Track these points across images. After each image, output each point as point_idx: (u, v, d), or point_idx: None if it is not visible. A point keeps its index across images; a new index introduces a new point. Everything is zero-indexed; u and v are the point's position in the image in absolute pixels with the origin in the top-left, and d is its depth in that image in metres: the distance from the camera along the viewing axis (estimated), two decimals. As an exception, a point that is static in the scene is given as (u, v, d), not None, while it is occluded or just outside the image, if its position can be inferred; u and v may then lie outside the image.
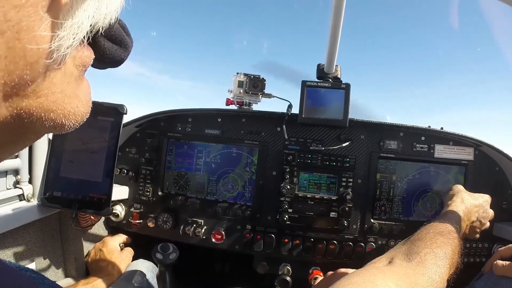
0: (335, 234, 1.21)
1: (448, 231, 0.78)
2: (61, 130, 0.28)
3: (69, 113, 0.27)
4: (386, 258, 0.69)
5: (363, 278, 0.54)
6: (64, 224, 1.12)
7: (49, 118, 0.26)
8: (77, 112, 0.28)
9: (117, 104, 0.99)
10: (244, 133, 1.28)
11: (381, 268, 0.65)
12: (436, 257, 0.67)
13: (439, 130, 1.23)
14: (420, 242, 0.72)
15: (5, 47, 0.20)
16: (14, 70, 0.21)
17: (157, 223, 1.26)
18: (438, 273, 0.63)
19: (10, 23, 0.19)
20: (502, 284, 0.88)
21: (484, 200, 1.05)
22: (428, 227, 0.80)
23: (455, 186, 1.10)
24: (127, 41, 0.34)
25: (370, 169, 1.24)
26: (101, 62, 0.33)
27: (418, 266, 0.64)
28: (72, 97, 0.27)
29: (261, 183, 1.26)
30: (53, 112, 0.26)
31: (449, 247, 0.72)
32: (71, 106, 0.27)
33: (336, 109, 1.18)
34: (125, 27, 0.34)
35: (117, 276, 1.08)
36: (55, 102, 0.25)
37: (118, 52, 0.34)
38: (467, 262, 1.20)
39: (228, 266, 1.71)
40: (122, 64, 0.36)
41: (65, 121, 0.27)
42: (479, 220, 1.01)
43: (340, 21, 0.96)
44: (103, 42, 0.32)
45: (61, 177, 0.99)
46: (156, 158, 1.30)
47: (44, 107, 0.25)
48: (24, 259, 0.97)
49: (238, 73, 1.26)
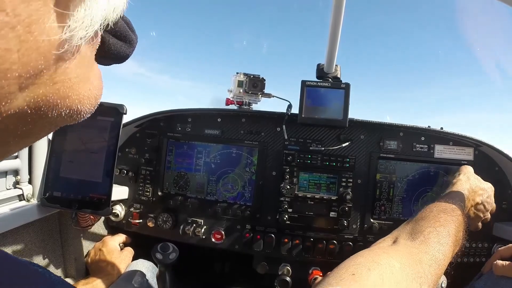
0: (335, 234, 1.21)
1: (452, 209, 0.77)
2: (77, 117, 0.28)
3: (83, 97, 0.27)
4: (391, 238, 0.70)
5: (367, 258, 0.54)
6: (64, 224, 1.12)
7: (65, 105, 0.26)
8: (90, 95, 0.28)
9: (117, 104, 0.99)
10: (244, 133, 1.28)
11: (385, 247, 0.66)
12: (439, 235, 0.67)
13: (439, 130, 1.23)
14: (423, 221, 0.72)
15: (17, 41, 0.20)
16: (28, 62, 0.21)
17: (157, 223, 1.26)
18: (441, 251, 0.63)
19: (20, 18, 0.20)
20: (502, 284, 0.88)
21: (489, 187, 1.03)
22: (431, 206, 0.79)
23: (464, 167, 1.07)
24: (132, 37, 0.35)
25: (370, 169, 1.24)
26: (106, 58, 0.33)
27: (422, 244, 0.64)
28: (86, 80, 0.28)
29: (261, 183, 1.26)
30: (68, 98, 0.26)
31: (452, 225, 0.71)
32: (84, 89, 0.27)
33: (336, 109, 1.18)
34: (130, 23, 0.35)
35: (117, 276, 1.08)
36: (71, 88, 0.26)
37: (123, 48, 0.34)
38: (466, 262, 1.21)
39: (228, 266, 1.71)
40: (127, 60, 0.37)
41: (80, 107, 0.27)
42: (483, 203, 0.98)
43: (340, 21, 0.96)
44: (108, 38, 0.32)
45: (61, 177, 0.99)
46: (156, 158, 1.30)
47: (61, 93, 0.25)
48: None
49: (238, 73, 1.26)
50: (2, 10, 0.19)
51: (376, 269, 0.50)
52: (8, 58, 0.20)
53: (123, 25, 0.33)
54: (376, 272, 0.49)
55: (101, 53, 0.32)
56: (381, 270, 0.50)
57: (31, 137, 0.28)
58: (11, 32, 0.19)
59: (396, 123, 1.25)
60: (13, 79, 0.21)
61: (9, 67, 0.20)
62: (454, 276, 0.83)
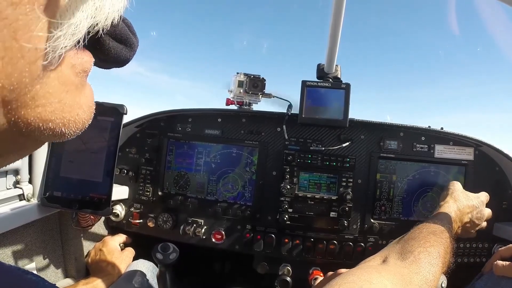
0: (335, 234, 1.21)
1: (441, 231, 0.78)
2: (61, 138, 0.28)
3: (68, 121, 0.27)
4: (380, 257, 0.70)
5: (359, 277, 0.54)
6: (64, 224, 1.12)
7: (47, 128, 0.25)
8: (77, 120, 0.28)
9: (117, 104, 0.99)
10: (244, 133, 1.28)
11: (376, 266, 0.66)
12: (429, 256, 0.67)
13: (439, 130, 1.23)
14: (413, 241, 0.72)
15: (2, 46, 0.19)
16: (13, 73, 0.20)
17: (157, 223, 1.26)
18: (432, 272, 0.64)
19: (7, 21, 0.18)
20: (502, 284, 0.88)
21: (479, 201, 1.02)
22: (421, 226, 0.81)
23: (451, 184, 1.07)
24: (133, 40, 0.34)
25: (370, 169, 1.24)
26: (106, 61, 0.32)
27: (412, 265, 0.64)
28: (72, 105, 0.27)
29: (261, 183, 1.26)
30: (51, 122, 0.25)
31: (441, 247, 0.72)
32: (71, 114, 0.27)
33: (336, 109, 1.18)
34: (131, 26, 0.34)
35: (117, 276, 1.08)
36: (53, 112, 0.25)
37: (123, 51, 0.33)
38: (467, 262, 1.21)
39: (228, 266, 1.71)
40: (127, 64, 0.36)
41: (64, 130, 0.27)
42: (472, 221, 0.99)
43: (340, 21, 0.96)
44: (108, 41, 0.31)
45: (61, 177, 0.99)
46: (156, 158, 1.30)
47: (42, 117, 0.24)
48: (24, 259, 0.97)
49: (238, 73, 1.26)
50: None
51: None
52: None
53: (124, 27, 0.32)
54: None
55: (101, 56, 0.31)
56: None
57: (15, 154, 0.27)
58: None
59: (397, 123, 1.25)
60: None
61: None
62: (454, 276, 0.83)
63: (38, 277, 0.36)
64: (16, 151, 0.27)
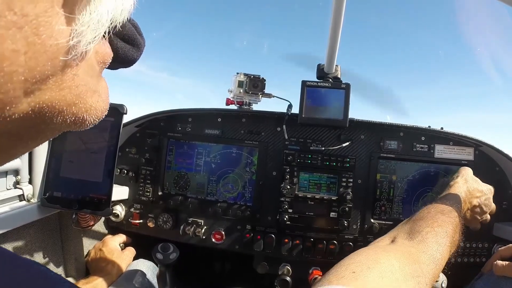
0: (335, 234, 1.21)
1: (449, 210, 0.78)
2: (82, 125, 0.28)
3: (90, 107, 0.27)
4: (389, 238, 0.70)
5: (367, 257, 0.55)
6: (64, 224, 1.12)
7: (70, 112, 0.25)
8: (98, 107, 0.28)
9: (117, 104, 0.99)
10: (244, 133, 1.28)
11: (384, 246, 0.66)
12: (437, 235, 0.67)
13: (439, 130, 1.23)
14: (421, 221, 0.72)
15: (25, 42, 0.19)
16: (35, 67, 0.20)
17: (157, 223, 1.26)
18: (439, 251, 0.64)
19: (28, 18, 0.19)
20: (502, 284, 0.88)
21: (488, 189, 1.02)
22: (429, 207, 0.80)
23: (462, 168, 1.07)
24: (140, 40, 0.34)
25: (370, 169, 1.24)
26: (113, 61, 0.32)
27: (420, 244, 0.64)
28: (94, 91, 0.27)
29: (261, 183, 1.26)
30: (75, 105, 0.25)
31: (450, 226, 0.72)
32: (92, 100, 0.27)
33: (336, 109, 1.18)
34: (137, 26, 0.34)
35: (117, 276, 1.08)
36: (78, 95, 0.25)
37: (131, 52, 0.34)
38: (467, 262, 1.21)
39: (228, 266, 1.71)
40: (134, 64, 0.36)
41: (86, 116, 0.27)
42: (480, 206, 0.98)
43: (341, 21, 0.96)
44: (116, 41, 0.32)
45: (61, 177, 0.99)
46: (156, 158, 1.30)
47: (67, 100, 0.24)
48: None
49: (238, 73, 1.26)
50: (10, 9, 0.18)
51: (376, 268, 0.50)
52: (15, 60, 0.19)
53: (131, 28, 0.33)
54: (376, 270, 0.50)
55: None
56: (381, 268, 0.50)
57: (34, 141, 0.27)
58: (19, 32, 0.19)
59: (396, 123, 1.25)
60: (18, 83, 0.20)
61: (15, 70, 0.19)
62: (454, 276, 0.83)
63: (44, 267, 0.37)
64: (35, 138, 0.27)
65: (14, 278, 0.30)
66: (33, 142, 0.27)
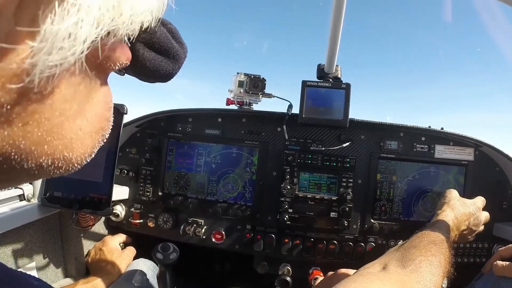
0: (335, 234, 1.21)
1: (440, 241, 0.78)
2: (68, 167, 0.22)
3: (70, 141, 0.20)
4: (379, 264, 0.69)
5: (361, 284, 0.54)
6: (64, 224, 1.12)
7: (43, 153, 0.19)
8: (84, 137, 0.22)
9: (118, 104, 0.99)
10: (244, 133, 1.28)
11: (377, 273, 0.65)
12: (431, 265, 0.67)
13: (439, 130, 1.23)
14: (414, 250, 0.72)
15: None
16: None
17: (157, 223, 1.26)
18: (433, 282, 0.63)
19: None
20: (502, 284, 0.88)
21: (476, 208, 1.02)
22: (420, 235, 0.80)
23: (448, 192, 1.07)
24: (177, 50, 0.27)
25: (370, 170, 1.24)
26: (143, 75, 0.27)
27: (413, 273, 0.64)
28: (74, 117, 0.20)
29: (261, 184, 1.26)
30: (47, 144, 0.19)
31: (442, 256, 0.72)
32: (71, 131, 0.21)
33: (336, 109, 1.18)
34: (176, 32, 0.27)
35: (117, 276, 1.07)
36: (50, 130, 0.19)
37: (163, 64, 0.27)
38: (467, 262, 1.21)
39: (228, 266, 1.71)
40: (171, 78, 0.29)
41: (68, 154, 0.21)
42: (469, 228, 1.00)
43: (341, 21, 0.96)
44: (143, 51, 0.25)
45: (61, 177, 0.99)
46: (157, 158, 1.30)
47: (34, 137, 0.18)
48: (24, 259, 0.97)
49: (239, 73, 1.26)
50: None
51: None
52: None
53: (164, 35, 0.26)
54: None
55: (136, 69, 0.26)
56: None
57: (8, 185, 0.22)
58: None
59: (397, 123, 1.25)
60: None
61: None
62: (454, 276, 0.83)
63: (41, 282, 0.34)
64: (9, 180, 0.21)
65: None
66: (7, 183, 0.22)
